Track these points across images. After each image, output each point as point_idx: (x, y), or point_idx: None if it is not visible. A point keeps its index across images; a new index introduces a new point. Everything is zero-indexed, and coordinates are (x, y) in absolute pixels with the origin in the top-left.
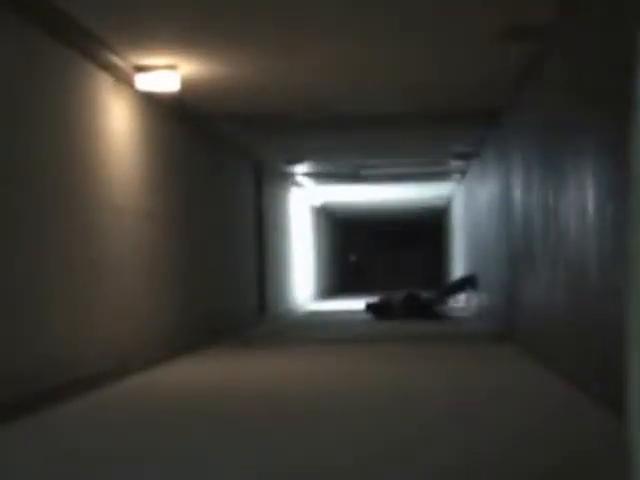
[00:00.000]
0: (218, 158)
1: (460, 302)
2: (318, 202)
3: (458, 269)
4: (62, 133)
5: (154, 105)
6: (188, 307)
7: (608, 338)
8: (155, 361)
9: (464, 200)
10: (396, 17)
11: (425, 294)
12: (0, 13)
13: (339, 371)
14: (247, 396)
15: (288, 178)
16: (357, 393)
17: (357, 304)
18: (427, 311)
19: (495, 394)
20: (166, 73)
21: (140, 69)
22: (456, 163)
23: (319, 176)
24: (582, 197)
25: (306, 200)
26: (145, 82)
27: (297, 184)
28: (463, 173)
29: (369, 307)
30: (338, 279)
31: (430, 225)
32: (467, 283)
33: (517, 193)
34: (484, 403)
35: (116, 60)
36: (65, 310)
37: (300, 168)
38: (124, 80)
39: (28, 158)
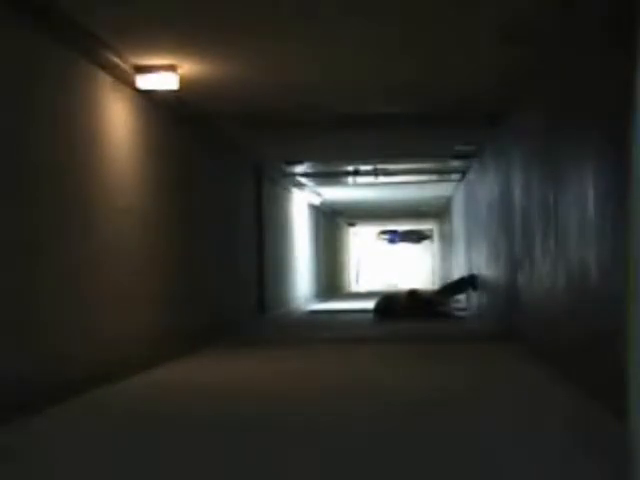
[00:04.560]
0: (218, 158)
1: (460, 302)
2: (318, 202)
3: (459, 269)
4: (62, 133)
5: (154, 105)
6: (188, 307)
7: (608, 338)
8: (155, 361)
9: (464, 200)
10: (396, 17)
11: (426, 293)
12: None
13: (339, 372)
14: (247, 396)
15: (288, 178)
16: (357, 394)
17: (358, 304)
18: (430, 311)
19: (493, 394)
20: (166, 73)
21: (140, 69)
22: (456, 163)
23: (319, 176)
24: (582, 197)
25: (306, 200)
26: (145, 82)
27: (297, 184)
28: (463, 173)
29: (377, 309)
30: None
31: (430, 224)
32: (467, 283)
33: (517, 193)
34: (482, 402)
35: (116, 60)
36: (65, 310)
37: (300, 168)
38: (124, 80)
39: (27, 158)
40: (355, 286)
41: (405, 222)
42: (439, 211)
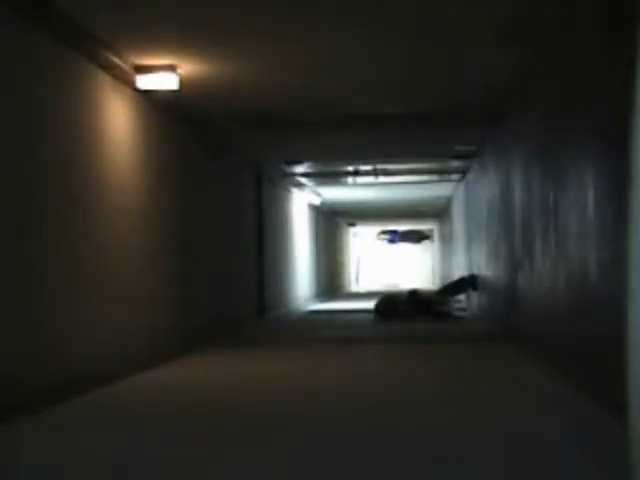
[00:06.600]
0: (217, 158)
1: (460, 302)
2: (318, 202)
3: (459, 269)
4: (62, 133)
5: (154, 105)
6: (188, 307)
7: (608, 338)
8: (155, 361)
9: (464, 200)
10: (397, 17)
11: (427, 293)
12: (0, 14)
13: (339, 372)
14: (247, 395)
15: (288, 178)
16: (357, 393)
17: (358, 304)
18: (431, 311)
19: (492, 394)
20: (166, 73)
21: (140, 69)
22: (456, 163)
23: (319, 176)
24: (582, 197)
25: (306, 200)
26: (145, 82)
27: (297, 184)
28: (463, 173)
29: (377, 309)
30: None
31: (430, 224)
32: (467, 283)
33: (517, 193)
34: (481, 402)
35: (116, 60)
36: (65, 310)
37: (300, 168)
38: (124, 80)
39: (27, 158)
40: (355, 286)
41: (405, 222)
42: (439, 211)
